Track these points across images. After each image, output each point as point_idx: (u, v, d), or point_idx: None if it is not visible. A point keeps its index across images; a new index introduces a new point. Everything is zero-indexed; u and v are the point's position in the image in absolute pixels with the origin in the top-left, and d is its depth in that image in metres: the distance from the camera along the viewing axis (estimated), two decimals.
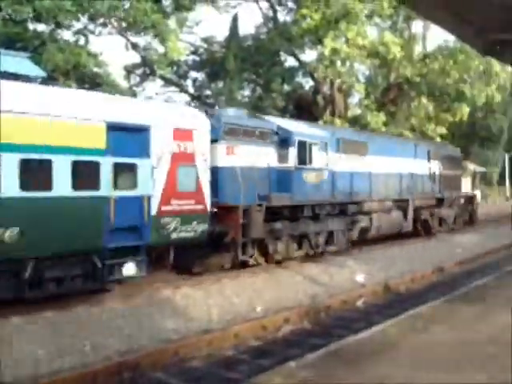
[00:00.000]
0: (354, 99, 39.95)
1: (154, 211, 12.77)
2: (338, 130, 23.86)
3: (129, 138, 12.33)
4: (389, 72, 37.65)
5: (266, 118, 18.62)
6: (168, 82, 41.08)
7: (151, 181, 12.78)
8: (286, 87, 41.83)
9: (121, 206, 12.02)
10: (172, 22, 31.10)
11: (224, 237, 14.93)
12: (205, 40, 41.37)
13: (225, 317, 12.08)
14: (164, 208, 13.03)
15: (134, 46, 33.15)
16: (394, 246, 21.89)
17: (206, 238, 14.18)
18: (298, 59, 39.46)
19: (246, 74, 40.71)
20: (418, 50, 38.90)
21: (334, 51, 29.77)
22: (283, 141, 17.07)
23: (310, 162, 17.68)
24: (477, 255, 21.65)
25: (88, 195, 11.56)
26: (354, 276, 16.77)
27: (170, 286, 13.43)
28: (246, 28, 77.97)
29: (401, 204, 23.08)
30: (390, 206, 22.37)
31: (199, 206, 13.93)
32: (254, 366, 9.22)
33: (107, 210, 11.83)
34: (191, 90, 43.38)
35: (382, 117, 34.27)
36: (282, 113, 38.57)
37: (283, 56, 40.91)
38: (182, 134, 13.59)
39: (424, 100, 37.81)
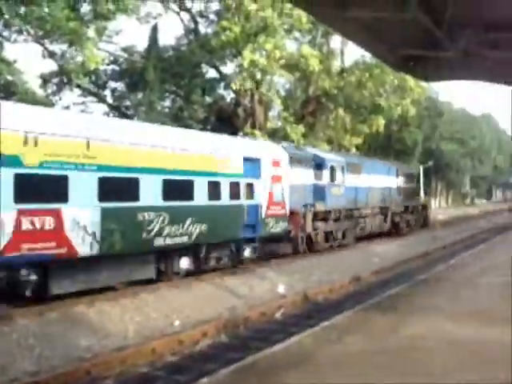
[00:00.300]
0: (275, 111, 40.39)
1: (263, 214, 18.99)
2: (346, 155, 30.91)
3: (251, 166, 18.54)
4: (308, 85, 38.37)
5: (303, 148, 25.82)
6: (86, 91, 40.05)
7: (261, 194, 18.90)
8: (208, 99, 41.72)
9: (248, 211, 18.20)
10: (91, 31, 30.38)
11: (289, 233, 20.95)
12: (125, 50, 40.58)
13: (141, 332, 11.84)
14: (267, 212, 19.25)
15: (51, 54, 32.18)
16: (312, 257, 22.18)
17: (285, 233, 20.46)
18: (218, 71, 39.50)
19: (167, 85, 40.28)
20: (336, 64, 39.81)
21: (253, 63, 30.04)
22: (318, 164, 23.85)
23: (335, 180, 24.78)
24: (393, 264, 22.32)
25: (236, 203, 17.76)
26: (274, 287, 16.89)
27: (85, 302, 13.03)
28: (168, 39, 77.59)
29: (383, 210, 30.53)
30: (377, 211, 29.82)
31: (283, 211, 20.24)
32: (170, 382, 9.06)
33: (243, 213, 18.02)
34: (110, 100, 42.54)
35: (301, 129, 34.83)
36: (203, 124, 38.47)
37: (204, 68, 40.75)
38: (276, 163, 20.04)
39: (341, 112, 38.73)
